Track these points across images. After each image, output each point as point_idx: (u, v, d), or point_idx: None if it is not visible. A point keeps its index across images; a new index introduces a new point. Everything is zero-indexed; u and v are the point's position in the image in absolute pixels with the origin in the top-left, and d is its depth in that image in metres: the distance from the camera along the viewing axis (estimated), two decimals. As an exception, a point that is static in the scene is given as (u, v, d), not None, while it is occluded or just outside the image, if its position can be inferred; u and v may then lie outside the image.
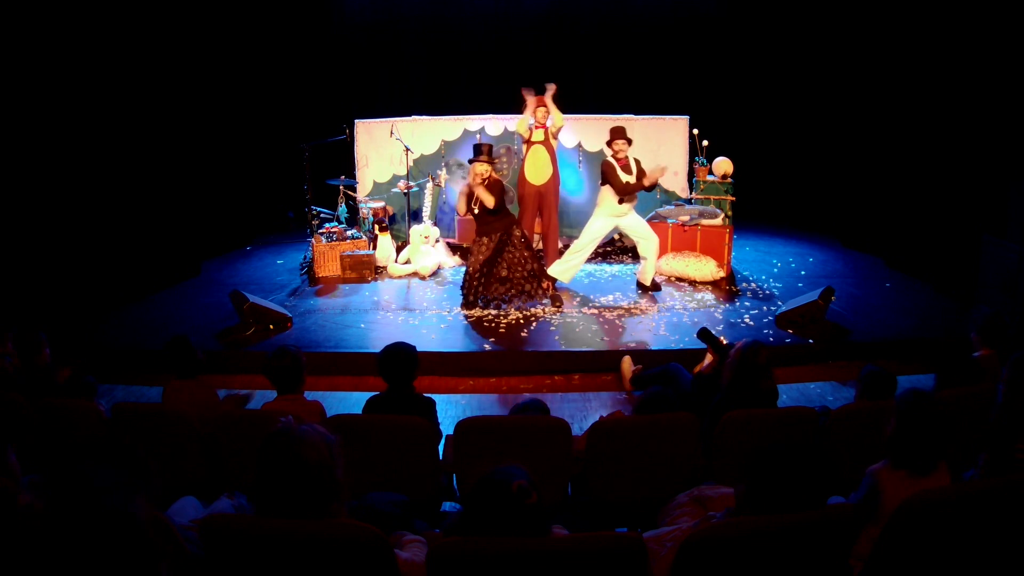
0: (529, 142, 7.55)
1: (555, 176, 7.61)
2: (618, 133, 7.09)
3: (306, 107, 9.94)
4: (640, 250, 7.41)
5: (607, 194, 7.09)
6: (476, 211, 6.74)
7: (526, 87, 7.58)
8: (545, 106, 7.47)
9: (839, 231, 9.49)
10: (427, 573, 2.23)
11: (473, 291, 6.91)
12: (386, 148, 8.64)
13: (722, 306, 7.03)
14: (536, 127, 7.52)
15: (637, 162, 7.11)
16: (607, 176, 7.02)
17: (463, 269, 8.18)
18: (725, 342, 4.64)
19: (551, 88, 7.54)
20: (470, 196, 6.73)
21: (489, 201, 6.56)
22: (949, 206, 7.58)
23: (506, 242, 6.79)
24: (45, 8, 6.96)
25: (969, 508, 2.46)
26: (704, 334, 4.73)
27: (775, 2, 9.90)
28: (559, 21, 10.35)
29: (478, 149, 6.72)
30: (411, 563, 2.37)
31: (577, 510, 3.60)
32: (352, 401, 5.39)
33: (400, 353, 3.98)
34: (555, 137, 7.62)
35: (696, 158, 8.54)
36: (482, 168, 6.62)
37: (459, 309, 6.99)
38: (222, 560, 2.28)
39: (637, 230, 7.31)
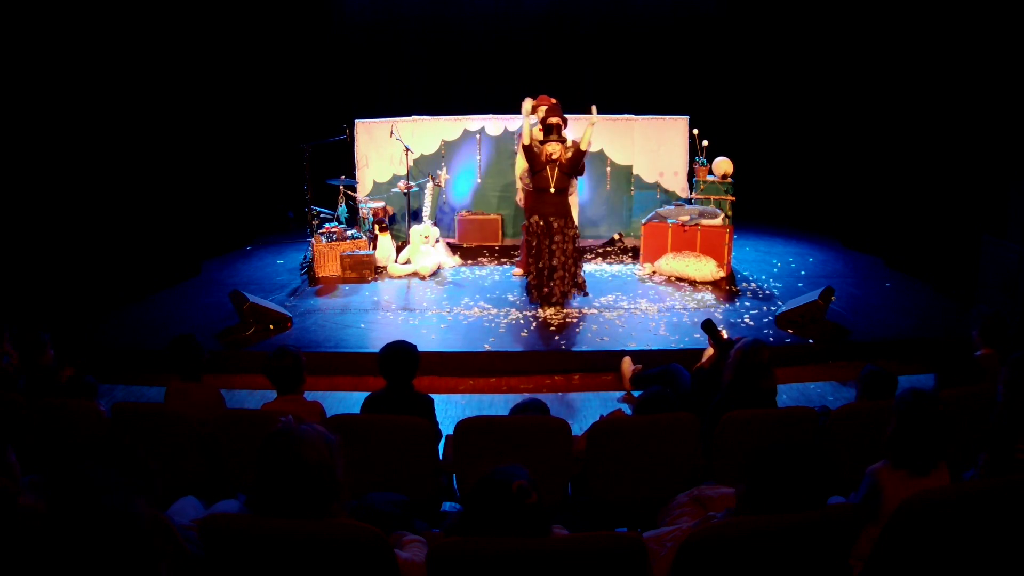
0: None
1: None
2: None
3: (306, 107, 9.93)
4: None
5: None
6: (533, 185, 6.74)
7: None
8: (548, 104, 7.41)
9: (839, 231, 9.48)
10: (427, 573, 2.23)
11: (545, 279, 6.77)
12: (386, 148, 8.64)
13: (722, 306, 7.03)
14: (540, 129, 7.48)
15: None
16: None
17: (463, 269, 8.23)
18: (727, 336, 4.64)
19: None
20: (540, 164, 6.66)
21: (562, 181, 6.64)
22: (949, 206, 7.58)
23: (556, 225, 6.69)
24: (45, 8, 6.96)
25: (969, 508, 2.46)
26: (708, 326, 4.73)
27: (775, 2, 9.90)
28: (559, 21, 10.34)
29: (549, 128, 6.75)
30: (411, 563, 2.37)
31: (577, 510, 3.60)
32: (352, 401, 5.39)
33: (401, 352, 3.99)
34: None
35: (696, 158, 8.54)
36: (552, 149, 6.65)
37: (538, 310, 6.84)
38: (222, 560, 2.28)
39: None
